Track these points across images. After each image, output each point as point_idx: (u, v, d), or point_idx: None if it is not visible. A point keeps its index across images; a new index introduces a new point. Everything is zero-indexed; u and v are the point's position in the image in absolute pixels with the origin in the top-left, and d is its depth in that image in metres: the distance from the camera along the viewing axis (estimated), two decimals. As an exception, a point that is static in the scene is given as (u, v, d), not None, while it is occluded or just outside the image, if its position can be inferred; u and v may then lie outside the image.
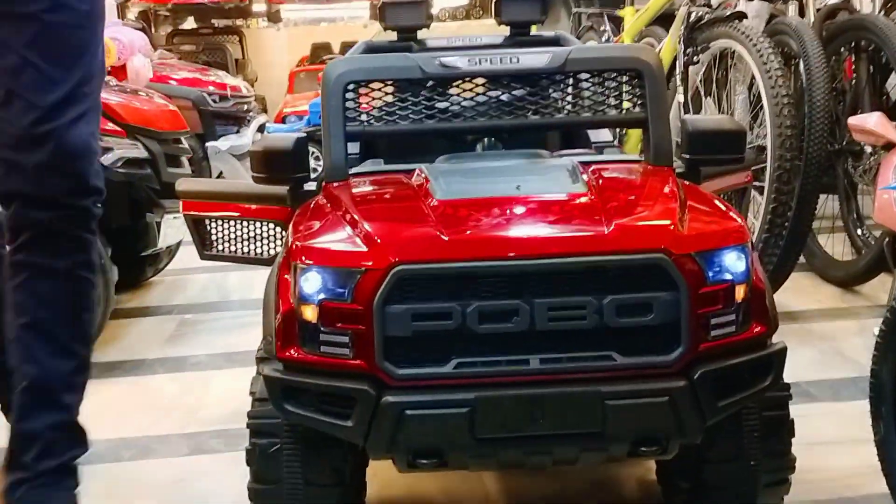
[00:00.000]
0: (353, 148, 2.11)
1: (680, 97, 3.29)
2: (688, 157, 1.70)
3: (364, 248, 1.35)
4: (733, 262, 1.37)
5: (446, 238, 1.34)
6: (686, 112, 3.30)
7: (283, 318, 1.40)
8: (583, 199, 1.46)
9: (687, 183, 1.63)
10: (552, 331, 1.29)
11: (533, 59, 1.70)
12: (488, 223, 1.42)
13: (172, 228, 3.10)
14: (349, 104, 1.70)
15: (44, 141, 1.46)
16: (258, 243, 2.03)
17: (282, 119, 8.83)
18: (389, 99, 1.74)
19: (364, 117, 1.73)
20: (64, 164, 1.47)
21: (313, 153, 6.56)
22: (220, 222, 2.05)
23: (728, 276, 1.36)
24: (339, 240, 1.41)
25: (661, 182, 1.58)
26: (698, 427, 1.33)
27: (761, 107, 2.90)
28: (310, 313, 1.35)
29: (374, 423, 1.31)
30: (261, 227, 2.02)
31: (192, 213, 2.05)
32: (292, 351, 1.37)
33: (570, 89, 1.84)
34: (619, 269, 1.32)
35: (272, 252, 2.02)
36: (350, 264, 1.33)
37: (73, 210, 1.50)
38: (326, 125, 1.69)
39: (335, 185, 1.66)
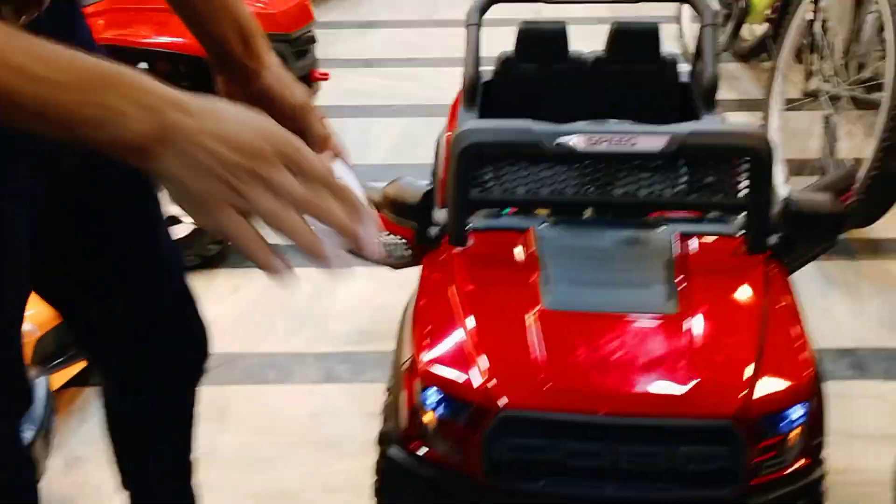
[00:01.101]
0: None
1: (808, 15, 3.21)
2: (783, 234, 1.85)
3: (478, 384, 1.58)
4: (796, 415, 1.58)
5: (550, 386, 1.57)
6: (810, 27, 3.24)
7: (410, 411, 1.69)
8: (671, 331, 1.67)
9: (776, 283, 1.78)
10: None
11: (649, 141, 1.80)
12: (587, 365, 1.62)
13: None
14: (473, 172, 1.85)
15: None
16: (387, 249, 2.17)
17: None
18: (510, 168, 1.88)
19: (486, 185, 1.87)
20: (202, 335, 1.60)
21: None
22: None
23: (787, 428, 1.58)
24: (456, 365, 1.63)
25: (750, 296, 1.76)
26: None
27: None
28: (429, 419, 1.64)
29: None
30: (389, 237, 2.15)
31: None
32: (416, 444, 1.69)
33: (682, 170, 1.90)
34: (691, 429, 1.57)
35: (399, 260, 2.19)
36: (466, 397, 1.60)
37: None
38: (451, 191, 1.86)
39: (455, 253, 1.87)
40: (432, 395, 1.62)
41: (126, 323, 1.50)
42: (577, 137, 1.79)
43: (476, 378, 1.59)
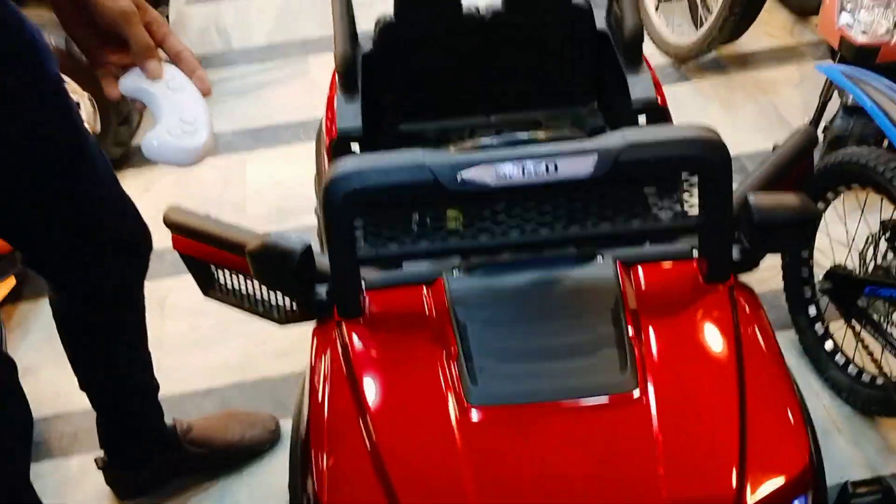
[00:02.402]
0: (355, 115, 1.99)
1: None
2: (749, 248, 1.48)
3: None
4: None
5: None
6: None
7: None
8: (634, 423, 1.31)
9: (749, 325, 1.45)
10: None
11: (574, 164, 1.39)
12: (533, 486, 1.27)
13: None
14: (357, 225, 1.44)
15: None
16: (268, 302, 1.70)
17: None
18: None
19: (377, 236, 1.47)
20: None
21: None
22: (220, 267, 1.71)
23: None
24: None
25: (722, 355, 1.41)
26: None
27: None
28: None
29: None
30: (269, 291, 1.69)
31: (185, 254, 1.70)
32: None
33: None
34: None
35: (285, 314, 1.70)
36: None
37: None
38: (333, 252, 1.43)
39: (349, 328, 1.48)
40: None
41: (62, 229, 1.57)
42: (485, 169, 1.39)
43: None
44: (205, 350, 2.46)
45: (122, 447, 1.97)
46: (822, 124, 2.70)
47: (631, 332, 1.40)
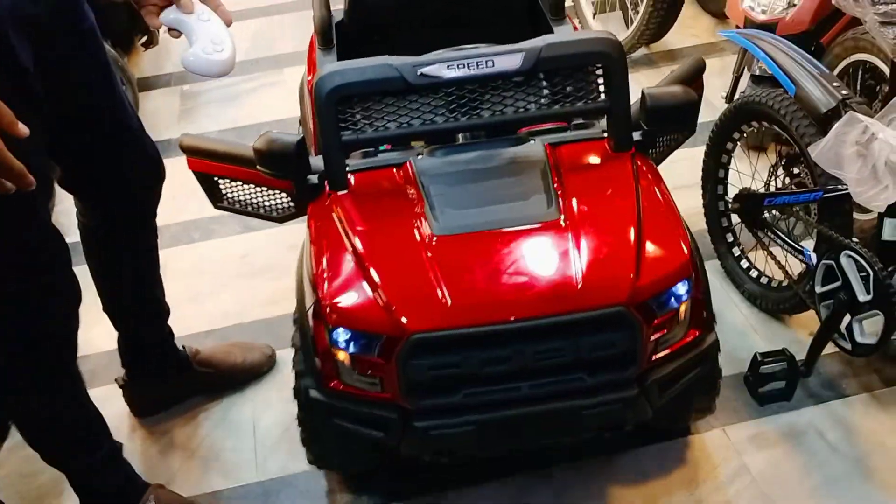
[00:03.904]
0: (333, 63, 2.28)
1: None
2: (645, 128, 1.95)
3: (384, 316, 1.66)
4: (680, 292, 1.73)
5: (451, 305, 1.65)
6: None
7: (322, 353, 1.77)
8: (557, 236, 1.76)
9: (645, 176, 1.90)
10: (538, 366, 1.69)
11: (507, 60, 1.85)
12: (483, 280, 1.70)
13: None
14: (341, 116, 1.87)
15: None
16: (268, 204, 2.20)
17: None
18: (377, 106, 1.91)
19: (356, 125, 1.88)
20: None
21: None
22: (227, 179, 2.18)
23: (675, 305, 1.73)
24: (361, 302, 1.70)
25: (623, 191, 1.86)
26: (648, 413, 1.79)
27: None
28: (343, 357, 1.73)
29: (404, 439, 1.76)
30: (269, 191, 2.18)
31: (198, 171, 2.18)
32: (333, 383, 1.78)
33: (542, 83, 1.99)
34: (589, 319, 1.66)
35: (283, 212, 2.22)
36: (374, 330, 1.67)
37: None
38: (323, 137, 1.87)
39: (339, 197, 1.90)
40: (342, 335, 1.70)
41: (102, 155, 1.90)
42: (438, 66, 1.83)
43: (381, 311, 1.67)
44: (203, 303, 2.77)
45: (141, 365, 2.27)
46: (736, 95, 3.11)
47: (555, 184, 1.86)
